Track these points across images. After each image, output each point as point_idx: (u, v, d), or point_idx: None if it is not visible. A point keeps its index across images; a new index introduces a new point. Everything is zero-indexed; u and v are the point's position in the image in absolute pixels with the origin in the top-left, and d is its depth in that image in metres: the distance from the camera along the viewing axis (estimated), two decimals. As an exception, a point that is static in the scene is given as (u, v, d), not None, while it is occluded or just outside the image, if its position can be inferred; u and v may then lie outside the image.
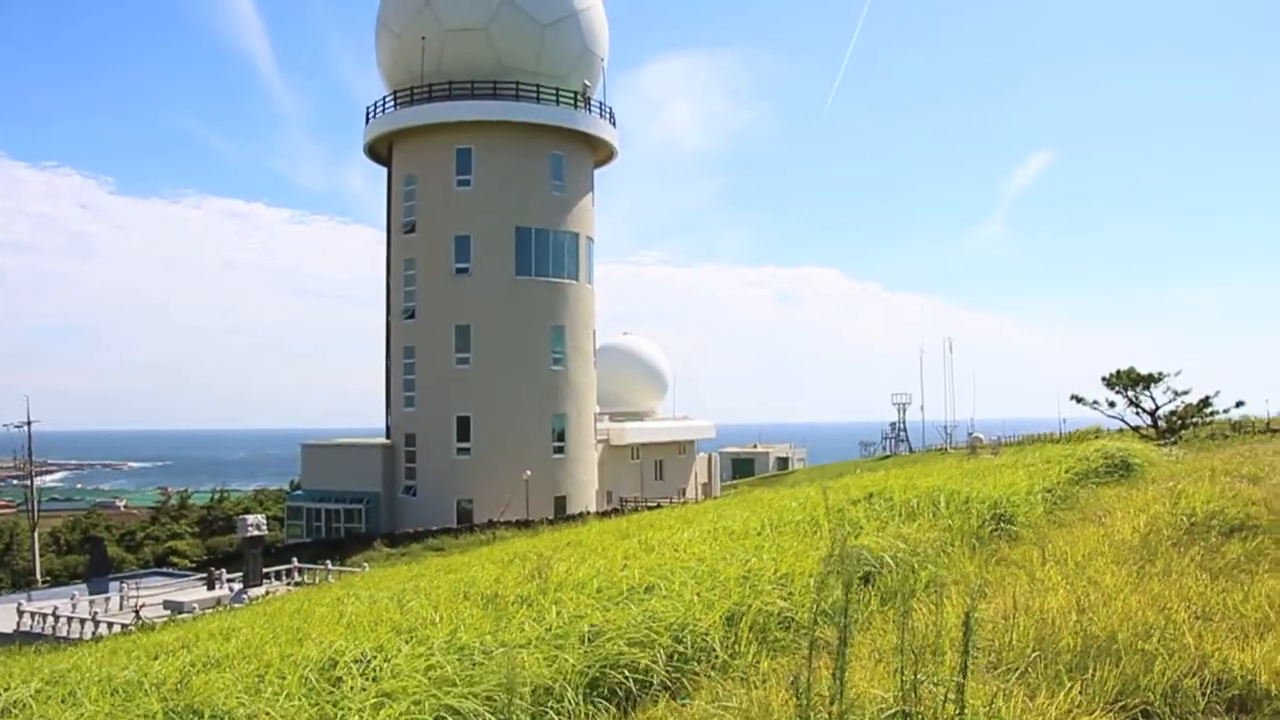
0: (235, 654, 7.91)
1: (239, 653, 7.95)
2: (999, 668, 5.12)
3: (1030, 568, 7.85)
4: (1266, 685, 4.98)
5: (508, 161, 52.88)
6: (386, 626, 7.51)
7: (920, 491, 11.73)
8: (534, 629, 6.26)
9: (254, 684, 6.04)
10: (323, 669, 6.10)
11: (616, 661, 5.44)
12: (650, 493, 60.15)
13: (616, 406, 65.76)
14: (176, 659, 8.32)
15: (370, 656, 6.11)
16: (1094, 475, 14.86)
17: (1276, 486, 12.44)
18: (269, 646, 7.80)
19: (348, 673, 5.87)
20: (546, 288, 53.45)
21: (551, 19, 53.49)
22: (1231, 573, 7.48)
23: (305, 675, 5.96)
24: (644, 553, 9.98)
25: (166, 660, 8.42)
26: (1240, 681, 5.02)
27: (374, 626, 7.73)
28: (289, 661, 6.50)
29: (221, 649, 8.50)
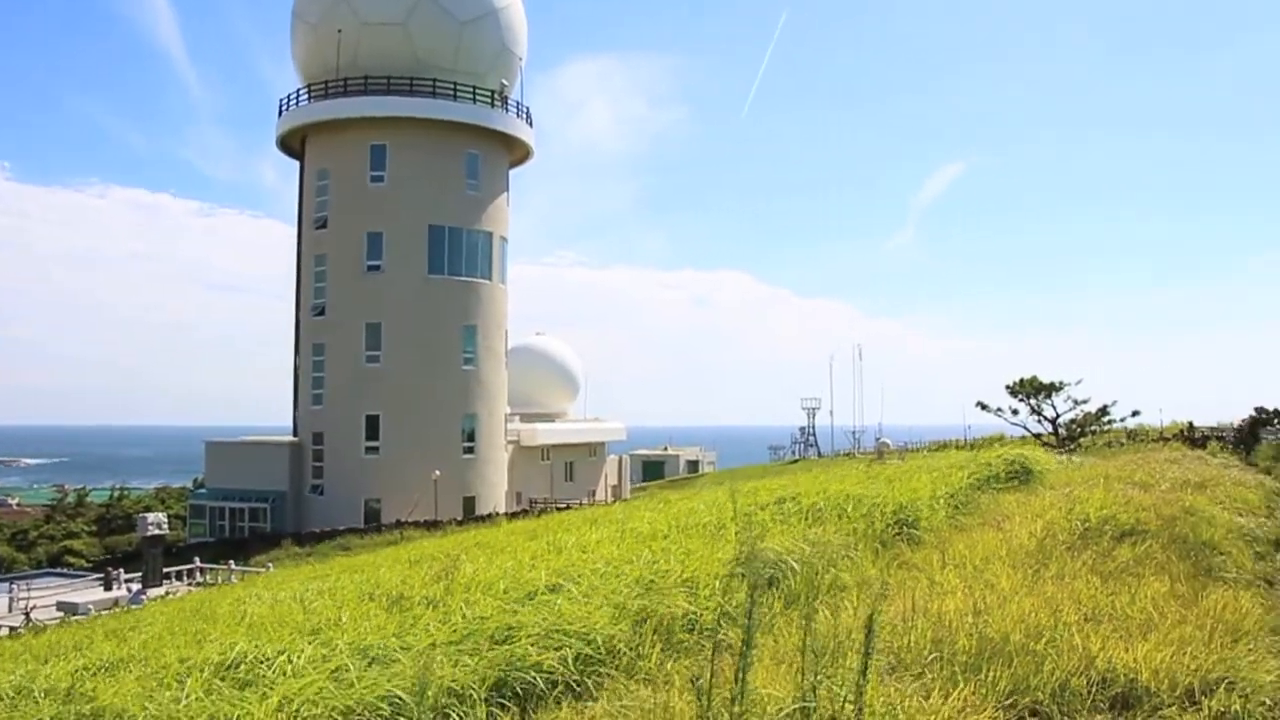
0: (132, 657, 7.76)
1: (136, 655, 7.81)
2: (897, 669, 5.25)
3: (931, 571, 8.03)
4: (1147, 683, 5.18)
5: (422, 159, 52.47)
6: (290, 628, 7.44)
7: (826, 496, 11.92)
8: (440, 630, 6.25)
9: (152, 688, 5.94)
10: (224, 671, 6.03)
11: (521, 663, 5.45)
12: (560, 494, 60.06)
13: (528, 407, 65.56)
14: (68, 662, 8.12)
15: (273, 658, 6.05)
16: (995, 481, 15.21)
17: (1166, 493, 12.87)
18: (168, 649, 7.68)
19: (249, 675, 5.81)
20: (459, 287, 53.14)
21: (470, 16, 53.19)
22: (1121, 576, 7.74)
23: (206, 678, 5.88)
24: (552, 554, 10.00)
25: (57, 664, 8.20)
26: (1123, 680, 5.21)
27: (277, 628, 7.65)
28: (188, 664, 6.41)
29: (117, 651, 8.33)
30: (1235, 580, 8.36)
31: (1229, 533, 10.49)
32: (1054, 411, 47.65)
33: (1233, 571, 8.72)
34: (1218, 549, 9.50)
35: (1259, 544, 10.75)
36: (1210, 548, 9.49)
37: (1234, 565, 8.99)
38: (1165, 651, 5.52)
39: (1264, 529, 11.70)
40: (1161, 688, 5.18)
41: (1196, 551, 9.20)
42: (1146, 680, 5.22)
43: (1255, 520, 12.20)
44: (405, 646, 5.85)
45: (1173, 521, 10.32)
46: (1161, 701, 5.08)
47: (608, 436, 72.22)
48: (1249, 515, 12.50)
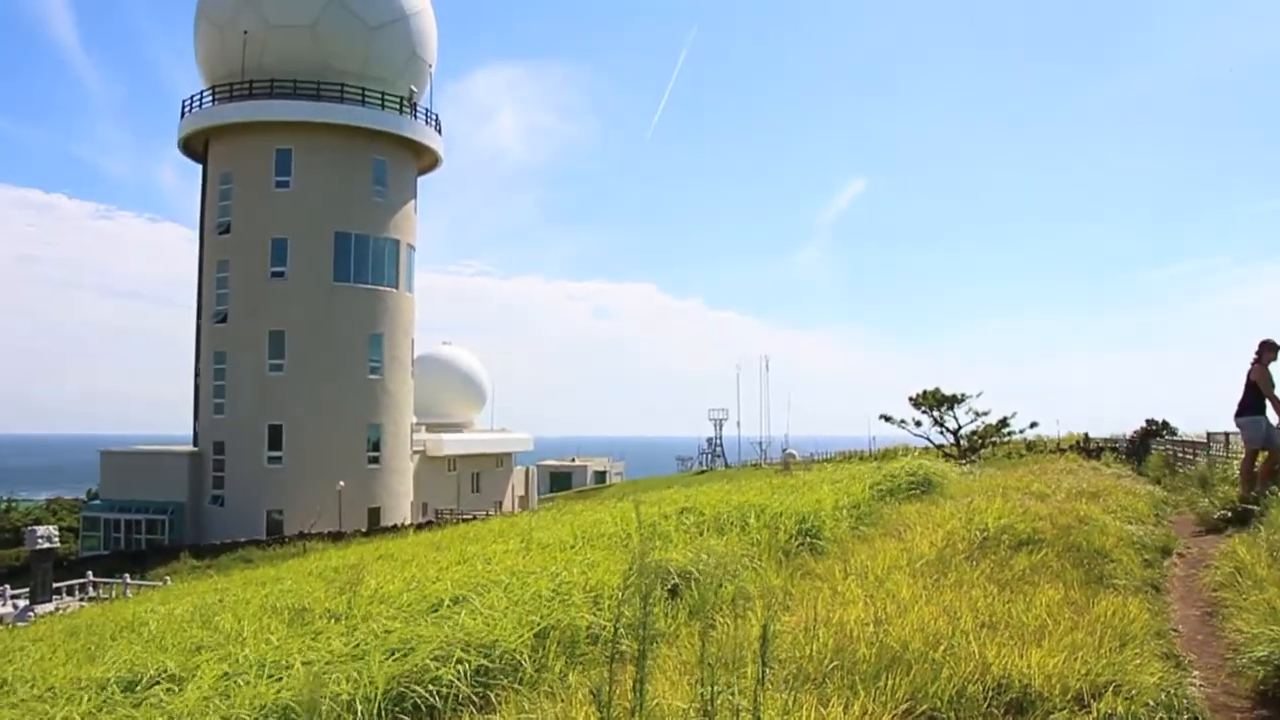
0: (18, 677, 7.49)
1: (22, 675, 7.54)
2: (798, 678, 5.28)
3: (833, 581, 8.10)
4: (1040, 688, 5.28)
5: (329, 164, 51.77)
6: (187, 643, 7.25)
7: (731, 506, 11.98)
8: (341, 644, 6.15)
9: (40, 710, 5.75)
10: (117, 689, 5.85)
11: (422, 677, 5.38)
12: (467, 505, 59.66)
13: (434, 417, 65.01)
14: (-55, 684, 7.81)
15: (167, 674, 5.89)
16: (898, 492, 15.43)
17: (1061, 503, 13.17)
18: (56, 667, 7.43)
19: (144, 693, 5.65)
20: (365, 295, 52.51)
21: (380, 21, 52.68)
22: (1017, 584, 7.88)
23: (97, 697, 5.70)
24: (457, 566, 9.91)
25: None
26: (1018, 685, 5.30)
27: (174, 643, 7.46)
28: (78, 683, 6.21)
29: (2, 672, 8.04)
30: (1125, 587, 8.57)
31: (1120, 541, 10.76)
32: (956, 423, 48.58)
33: (1123, 578, 8.94)
34: (1109, 557, 9.73)
35: (1147, 551, 11.07)
36: (1102, 556, 9.72)
37: (1124, 572, 9.22)
38: (1058, 657, 5.63)
39: (1152, 537, 12.04)
40: (1054, 692, 5.28)
41: (1089, 559, 9.41)
42: (1040, 685, 5.32)
43: (1144, 528, 12.55)
44: (305, 660, 5.73)
45: (1068, 530, 10.56)
46: (1053, 706, 5.18)
47: (515, 447, 71.96)
48: (1139, 523, 12.84)
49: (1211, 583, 9.33)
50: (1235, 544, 10.29)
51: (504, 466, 69.88)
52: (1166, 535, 12.68)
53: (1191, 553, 11.77)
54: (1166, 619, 8.25)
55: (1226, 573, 9.18)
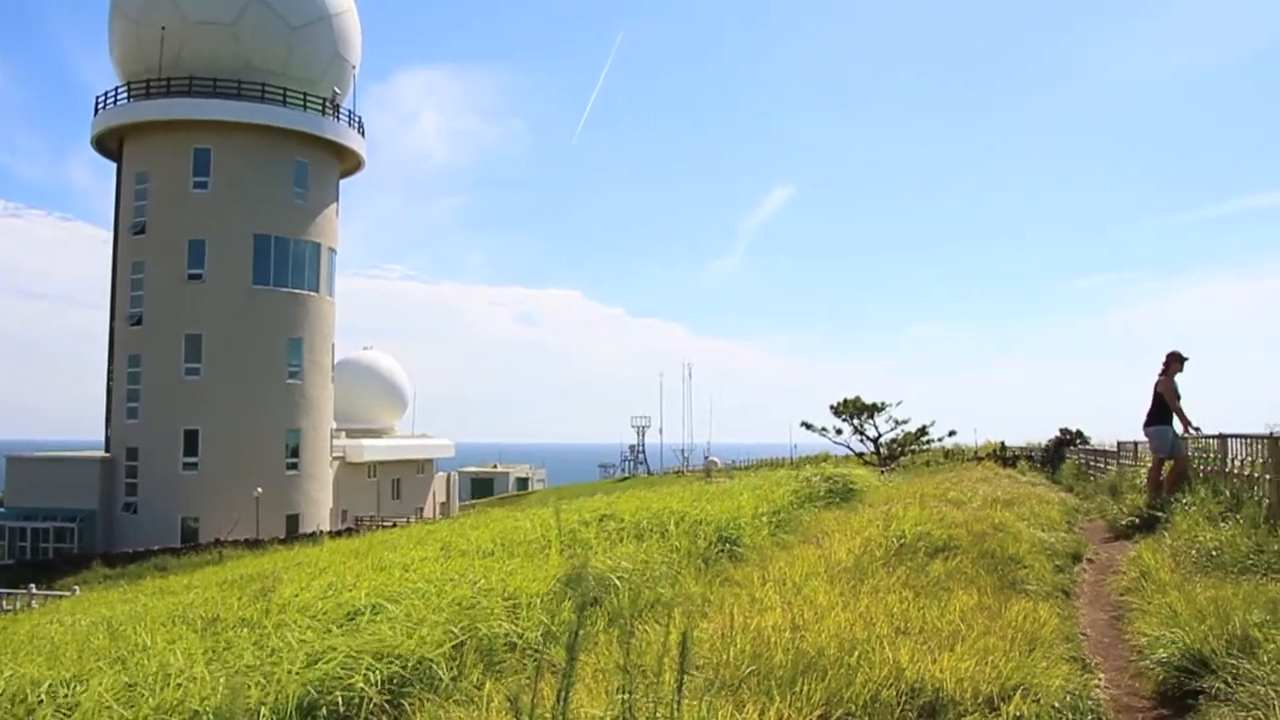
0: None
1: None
2: (716, 684, 5.31)
3: (752, 588, 8.16)
4: (952, 692, 5.37)
5: (249, 166, 50.87)
6: (93, 655, 7.08)
7: (652, 514, 12.01)
8: (253, 653, 6.05)
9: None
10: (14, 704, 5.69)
11: (335, 686, 5.31)
12: (387, 512, 59.06)
13: (354, 423, 64.35)
14: None
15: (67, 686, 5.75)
16: (817, 499, 15.61)
17: (977, 510, 13.41)
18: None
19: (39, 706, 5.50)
20: (285, 298, 51.72)
21: (302, 21, 51.93)
22: (933, 590, 8.01)
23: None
24: (375, 573, 9.79)
25: None
26: (930, 689, 5.39)
27: (77, 655, 7.27)
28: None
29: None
30: (1036, 592, 8.77)
31: (1033, 547, 10.99)
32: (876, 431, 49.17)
33: (1034, 584, 9.14)
34: (1022, 563, 9.94)
35: (1058, 557, 11.33)
36: (1015, 562, 9.92)
37: (1036, 578, 9.43)
38: (970, 661, 5.73)
39: (1063, 543, 12.32)
40: (965, 696, 5.37)
41: (1003, 565, 9.60)
42: (951, 689, 5.41)
43: (1056, 535, 12.83)
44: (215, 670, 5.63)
45: (982, 537, 10.75)
46: (965, 709, 5.27)
47: (436, 453, 71.44)
48: (1051, 530, 13.13)
49: (1118, 587, 9.57)
50: (1141, 550, 10.57)
51: (425, 473, 69.31)
52: (1077, 542, 12.97)
53: (1101, 558, 12.06)
54: (1075, 623, 8.45)
55: (1132, 578, 9.43)
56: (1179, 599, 7.37)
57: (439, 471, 72.15)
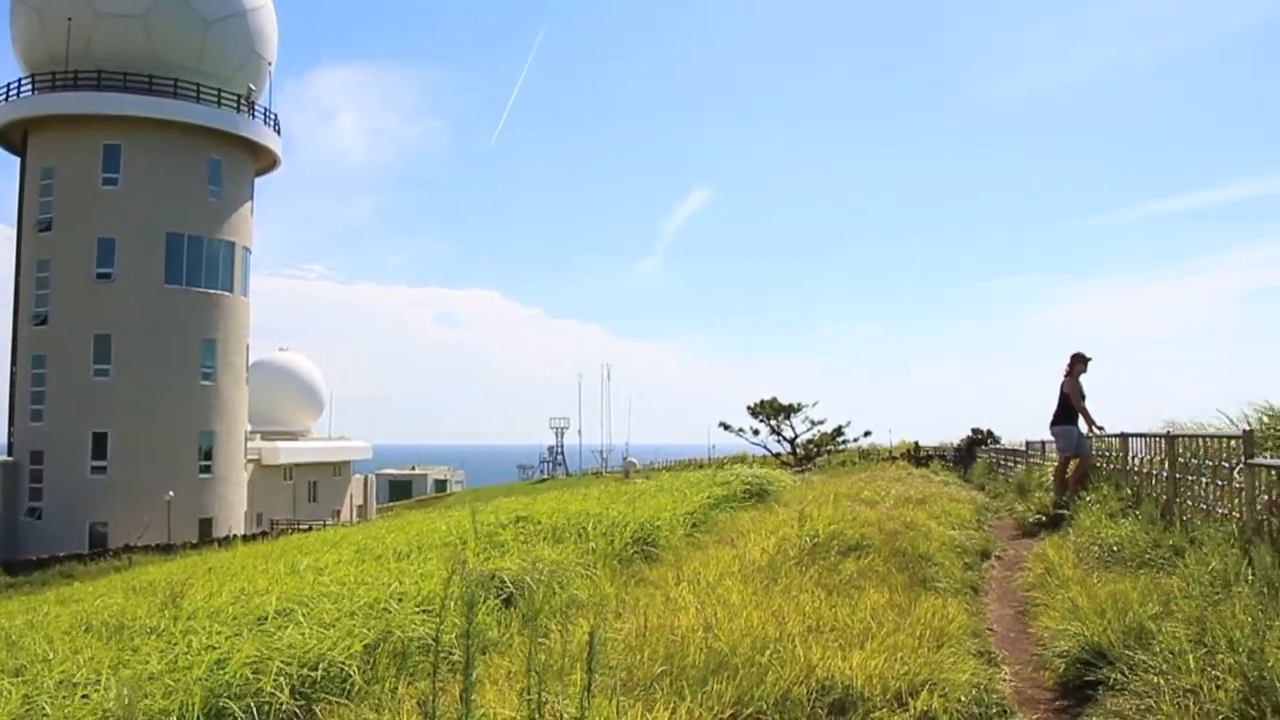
0: None
1: None
2: (628, 684, 5.34)
3: (667, 588, 8.21)
4: (861, 688, 5.46)
5: (161, 162, 49.64)
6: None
7: (568, 515, 12.03)
8: (160, 660, 5.95)
9: None
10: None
11: (243, 691, 5.26)
12: (303, 515, 58.25)
13: (269, 425, 63.33)
14: None
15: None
16: (733, 499, 15.73)
17: (889, 509, 13.63)
18: None
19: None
20: (198, 298, 50.67)
21: (217, 16, 50.81)
22: (845, 589, 8.13)
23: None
24: (288, 577, 9.70)
25: None
26: (840, 687, 5.48)
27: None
28: None
29: None
30: (946, 589, 8.94)
31: (943, 545, 11.21)
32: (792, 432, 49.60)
33: (944, 581, 9.32)
34: (932, 561, 10.13)
35: (968, 555, 11.56)
36: (926, 560, 10.11)
37: (945, 575, 9.62)
38: (879, 658, 5.84)
39: (973, 541, 12.58)
40: (874, 692, 5.47)
41: (914, 563, 9.78)
42: (861, 686, 5.50)
43: (966, 533, 13.10)
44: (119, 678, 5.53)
45: (894, 536, 10.93)
46: (874, 705, 5.37)
47: (353, 455, 70.65)
48: (961, 528, 13.40)
49: (1025, 583, 9.80)
50: (1047, 546, 10.84)
51: (342, 475, 68.48)
52: (986, 539, 13.25)
53: (1009, 555, 12.32)
54: (983, 618, 8.64)
55: (1038, 573, 9.67)
56: (1080, 593, 7.57)
57: (356, 474, 71.33)
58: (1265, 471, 8.11)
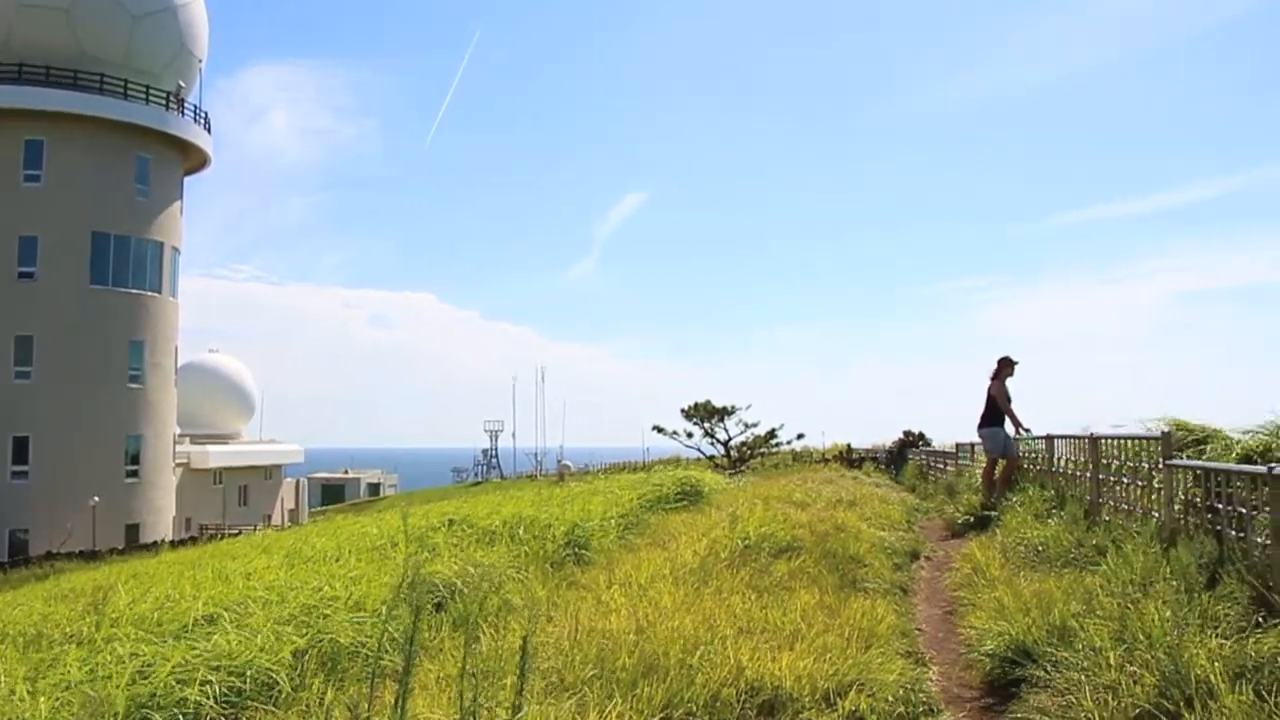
0: None
1: None
2: (559, 688, 5.35)
3: (598, 591, 8.23)
4: (791, 689, 5.52)
5: (87, 160, 48.53)
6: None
7: (501, 518, 12.00)
8: (80, 670, 5.84)
9: None
10: None
11: (166, 700, 5.18)
12: (234, 519, 57.41)
13: (199, 428, 62.38)
14: None
15: None
16: (666, 501, 15.77)
17: (821, 511, 13.74)
18: None
19: None
20: (125, 299, 49.69)
21: (145, 11, 49.76)
22: (775, 590, 8.20)
23: None
24: (216, 582, 9.58)
25: None
26: (770, 687, 5.53)
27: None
28: None
29: None
30: (875, 590, 9.05)
31: (873, 547, 11.33)
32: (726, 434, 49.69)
33: (874, 582, 9.43)
34: (863, 562, 10.23)
35: (898, 556, 11.70)
36: (856, 561, 10.21)
37: (875, 576, 9.72)
38: (809, 659, 5.90)
39: (903, 542, 12.73)
40: (803, 693, 5.53)
41: (844, 565, 9.87)
42: (790, 687, 5.56)
43: (896, 534, 13.25)
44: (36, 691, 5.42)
45: (825, 538, 11.03)
46: (803, 705, 5.43)
47: (284, 459, 69.80)
48: (891, 530, 13.55)
49: (953, 583, 9.94)
50: (974, 547, 11.00)
51: (273, 479, 67.62)
52: (916, 540, 13.41)
53: (938, 556, 12.49)
54: (912, 619, 8.76)
55: (965, 574, 9.81)
56: (1006, 593, 7.70)
57: (288, 478, 70.50)
58: (1183, 473, 8.31)
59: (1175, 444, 9.11)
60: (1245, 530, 6.80)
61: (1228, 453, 8.93)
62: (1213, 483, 7.54)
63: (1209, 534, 7.36)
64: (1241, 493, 6.97)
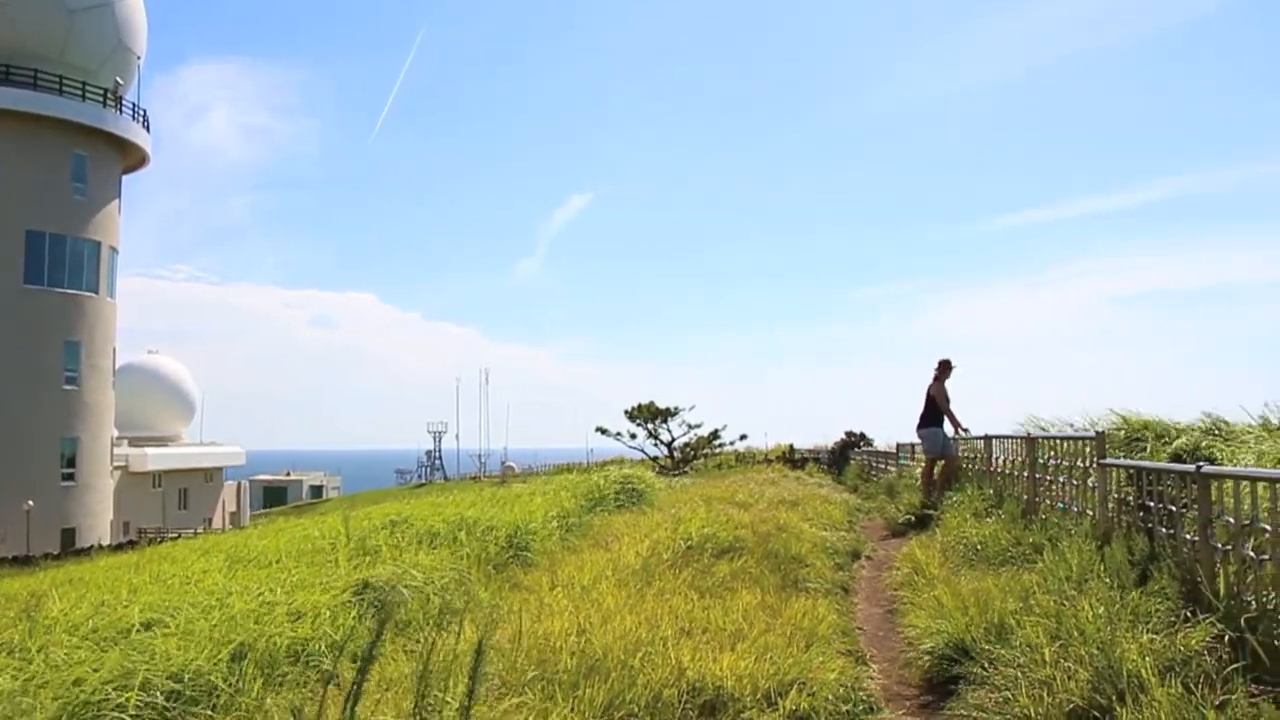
0: None
1: None
2: (503, 690, 5.35)
3: (541, 593, 8.23)
4: (732, 689, 5.56)
5: (21, 157, 47.55)
6: None
7: (443, 520, 11.95)
8: (12, 679, 5.74)
9: None
10: None
11: (100, 708, 5.11)
12: (174, 523, 56.65)
13: (138, 430, 61.42)
14: None
15: None
16: (609, 503, 15.78)
17: (763, 511, 13.83)
18: None
19: None
20: (61, 300, 48.80)
21: (82, 5, 48.86)
22: (718, 591, 8.24)
23: None
24: (153, 587, 9.45)
25: None
26: (712, 688, 5.57)
27: None
28: None
29: None
30: (817, 590, 9.11)
31: (815, 546, 11.41)
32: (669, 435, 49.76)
33: (815, 582, 9.50)
34: (804, 562, 10.31)
35: (839, 555, 11.79)
36: (798, 561, 10.28)
37: (817, 576, 9.79)
38: (750, 659, 5.95)
39: (844, 542, 12.83)
40: (745, 693, 5.57)
41: (786, 565, 9.94)
42: (732, 687, 5.60)
43: (838, 534, 13.35)
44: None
45: (767, 538, 11.10)
46: (744, 705, 5.46)
47: (225, 461, 68.95)
48: (833, 530, 13.65)
49: (893, 582, 10.04)
50: (914, 546, 11.11)
51: (214, 482, 66.77)
52: (857, 540, 13.52)
53: (879, 555, 12.60)
54: (853, 618, 8.83)
55: (906, 573, 9.91)
56: (945, 592, 7.80)
57: (229, 480, 69.65)
58: (1116, 471, 8.46)
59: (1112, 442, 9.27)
60: (1175, 527, 6.94)
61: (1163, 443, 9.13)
62: (1144, 481, 7.68)
63: (1141, 531, 7.51)
64: (1171, 491, 7.12)
